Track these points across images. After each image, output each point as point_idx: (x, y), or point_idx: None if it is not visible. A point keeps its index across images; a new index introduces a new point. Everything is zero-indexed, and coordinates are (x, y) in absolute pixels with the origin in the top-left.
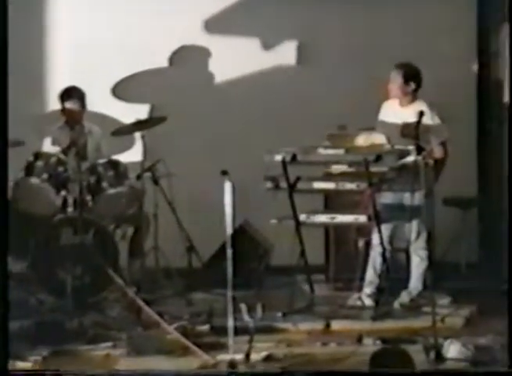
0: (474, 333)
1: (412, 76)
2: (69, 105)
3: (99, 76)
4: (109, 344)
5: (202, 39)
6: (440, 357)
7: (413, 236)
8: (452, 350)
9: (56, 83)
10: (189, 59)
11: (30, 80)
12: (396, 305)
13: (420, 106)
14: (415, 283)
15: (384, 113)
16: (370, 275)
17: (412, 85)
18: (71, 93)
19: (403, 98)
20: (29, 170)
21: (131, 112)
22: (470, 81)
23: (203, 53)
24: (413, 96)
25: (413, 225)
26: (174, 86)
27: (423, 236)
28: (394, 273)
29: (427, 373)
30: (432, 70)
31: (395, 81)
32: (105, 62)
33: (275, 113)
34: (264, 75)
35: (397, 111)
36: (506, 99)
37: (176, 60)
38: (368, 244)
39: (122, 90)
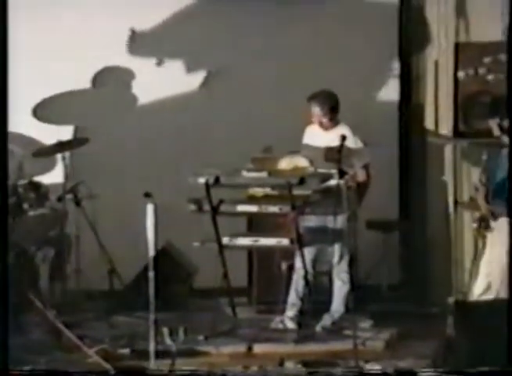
0: (395, 356)
1: (329, 107)
2: None
3: (21, 96)
4: (28, 367)
5: (124, 61)
6: None
7: (336, 259)
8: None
9: None
10: (112, 80)
11: None
12: (318, 328)
13: (343, 129)
14: (337, 306)
15: (307, 137)
16: (293, 298)
17: (330, 113)
18: None
19: (325, 126)
20: None
21: (55, 133)
22: (392, 105)
23: (126, 74)
24: (335, 121)
25: (336, 249)
26: (97, 107)
27: (346, 259)
28: (317, 296)
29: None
30: (354, 94)
31: (314, 111)
32: (26, 82)
33: (200, 135)
34: (188, 97)
35: (320, 135)
36: (429, 124)
37: (99, 81)
38: (291, 267)
39: (44, 111)
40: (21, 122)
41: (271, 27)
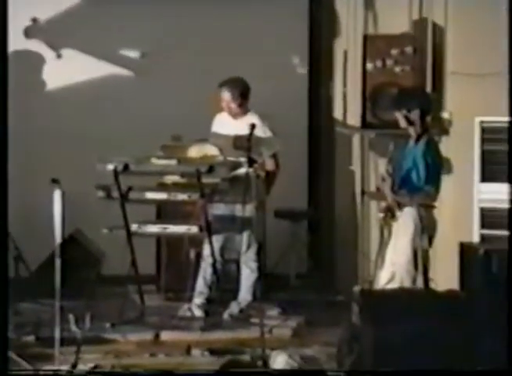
0: (301, 344)
1: (239, 92)
2: None
3: None
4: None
5: (35, 45)
6: (267, 368)
7: (244, 247)
8: (279, 361)
9: None
10: (21, 64)
11: None
12: (226, 315)
13: (252, 118)
14: (244, 294)
15: (216, 125)
16: (200, 285)
17: (241, 99)
18: None
19: (234, 112)
20: None
21: None
22: (302, 94)
23: (35, 58)
24: (244, 109)
25: (244, 237)
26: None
27: (254, 247)
28: (225, 284)
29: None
30: (265, 83)
31: (224, 97)
32: None
33: (110, 122)
34: (99, 84)
35: (229, 123)
36: (338, 115)
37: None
38: (199, 255)
39: None
40: None
41: (185, 14)
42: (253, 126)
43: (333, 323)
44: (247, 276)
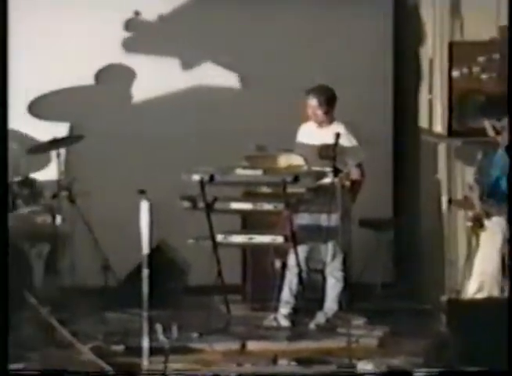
0: (388, 354)
1: (326, 99)
2: None
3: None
4: (22, 365)
5: (124, 58)
6: None
7: (329, 257)
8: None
9: None
10: (112, 78)
11: None
12: (312, 325)
13: (338, 127)
14: (330, 304)
15: (301, 135)
16: (286, 295)
17: (327, 107)
18: None
19: (320, 120)
20: None
21: (51, 130)
22: (387, 103)
23: (126, 72)
24: (330, 117)
25: (329, 247)
26: (95, 105)
27: (339, 257)
28: (310, 294)
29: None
30: (350, 92)
31: (311, 104)
32: (24, 78)
33: (194, 133)
34: (184, 95)
35: (315, 133)
36: (423, 123)
37: (100, 79)
38: (284, 265)
39: (40, 108)
40: (17, 119)
41: (264, 25)
42: (338, 135)
43: (420, 332)
44: (333, 285)
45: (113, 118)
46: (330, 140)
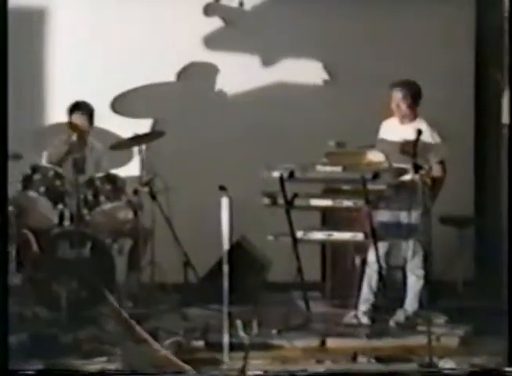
0: (469, 352)
1: (411, 93)
2: (76, 119)
3: (102, 89)
4: (104, 358)
5: (205, 55)
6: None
7: (410, 254)
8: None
9: (57, 96)
10: (193, 75)
11: (31, 93)
12: (392, 323)
13: (420, 124)
14: (411, 301)
15: (383, 131)
16: (366, 292)
17: (411, 101)
18: (80, 107)
19: (404, 116)
20: (26, 183)
21: (132, 126)
22: (469, 99)
23: (208, 70)
24: (414, 114)
25: (410, 244)
26: (177, 101)
27: (420, 254)
28: (390, 291)
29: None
30: (431, 88)
31: (395, 96)
32: (107, 75)
33: (274, 129)
34: (264, 92)
35: (397, 129)
36: (505, 120)
37: (182, 76)
38: (364, 262)
39: (122, 104)
40: (99, 116)
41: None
42: (419, 131)
43: (502, 331)
44: (414, 283)
45: (194, 115)
46: (413, 136)
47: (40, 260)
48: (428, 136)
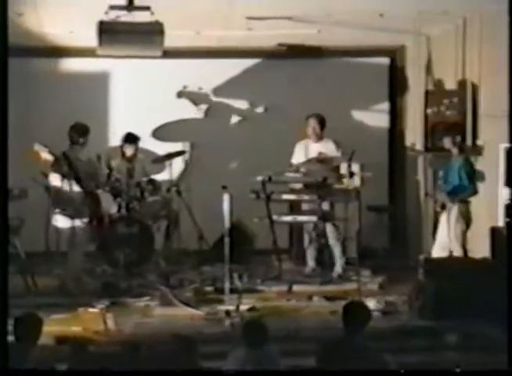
0: (385, 293)
1: (321, 121)
2: (127, 148)
3: (146, 123)
4: (148, 298)
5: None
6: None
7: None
8: (370, 304)
9: (116, 128)
10: (213, 113)
11: (97, 129)
12: (334, 274)
13: (328, 142)
14: (340, 261)
15: (299, 148)
16: (314, 255)
17: (322, 127)
18: (130, 138)
19: (317, 136)
20: (97, 184)
21: (166, 147)
22: (384, 131)
23: (223, 109)
24: (322, 135)
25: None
26: (197, 131)
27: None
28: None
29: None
30: (358, 125)
31: (312, 124)
32: (149, 114)
33: (259, 147)
34: (254, 124)
35: (310, 146)
36: (408, 143)
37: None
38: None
39: (159, 133)
40: (144, 141)
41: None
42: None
43: (407, 280)
44: (338, 251)
45: (210, 138)
46: (324, 150)
47: (105, 235)
48: (334, 150)
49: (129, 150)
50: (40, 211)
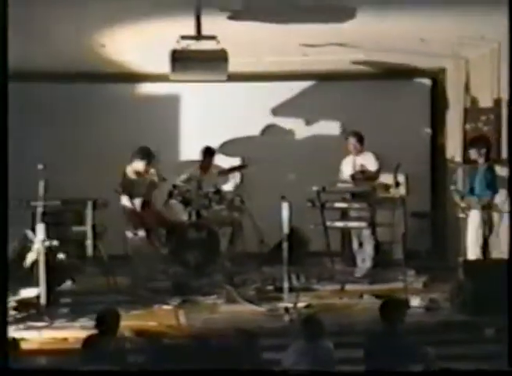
0: (429, 292)
1: (360, 138)
2: (206, 161)
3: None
4: (215, 296)
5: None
6: (408, 305)
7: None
8: (415, 302)
9: (189, 142)
10: (270, 132)
11: (169, 147)
12: (358, 274)
13: (367, 154)
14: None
15: (345, 163)
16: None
17: (361, 143)
18: (208, 153)
19: (357, 151)
20: (170, 195)
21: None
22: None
23: (285, 127)
24: (362, 149)
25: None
26: (258, 146)
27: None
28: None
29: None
30: (411, 140)
31: (351, 141)
32: (214, 132)
33: (312, 162)
34: (298, 145)
35: (352, 160)
36: (449, 155)
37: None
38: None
39: (225, 148)
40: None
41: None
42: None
43: (447, 279)
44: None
45: (269, 153)
46: (364, 162)
47: (177, 239)
48: (373, 161)
49: (207, 162)
50: (120, 218)
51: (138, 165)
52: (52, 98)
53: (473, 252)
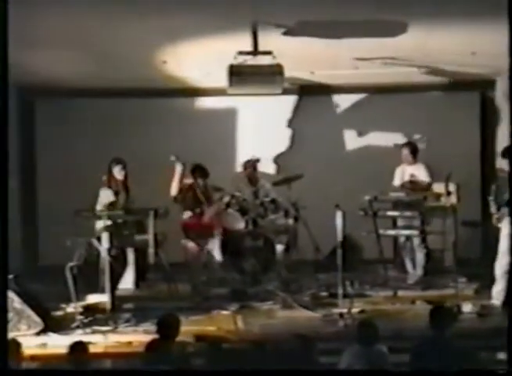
0: (480, 298)
1: (413, 149)
2: (251, 172)
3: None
4: (271, 302)
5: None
6: (460, 311)
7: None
8: (466, 307)
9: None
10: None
11: (223, 160)
12: (410, 281)
13: (419, 165)
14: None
15: (398, 172)
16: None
17: (414, 154)
18: (256, 165)
19: (410, 162)
20: (228, 204)
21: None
22: (476, 154)
23: (335, 142)
24: (415, 160)
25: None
26: (313, 157)
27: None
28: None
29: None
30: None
31: (404, 152)
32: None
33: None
34: (350, 156)
35: (405, 169)
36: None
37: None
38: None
39: (281, 159)
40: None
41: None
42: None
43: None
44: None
45: (323, 164)
46: (416, 172)
47: (235, 248)
48: (424, 172)
49: (250, 173)
50: (178, 227)
51: (188, 180)
52: (116, 111)
53: (502, 261)
